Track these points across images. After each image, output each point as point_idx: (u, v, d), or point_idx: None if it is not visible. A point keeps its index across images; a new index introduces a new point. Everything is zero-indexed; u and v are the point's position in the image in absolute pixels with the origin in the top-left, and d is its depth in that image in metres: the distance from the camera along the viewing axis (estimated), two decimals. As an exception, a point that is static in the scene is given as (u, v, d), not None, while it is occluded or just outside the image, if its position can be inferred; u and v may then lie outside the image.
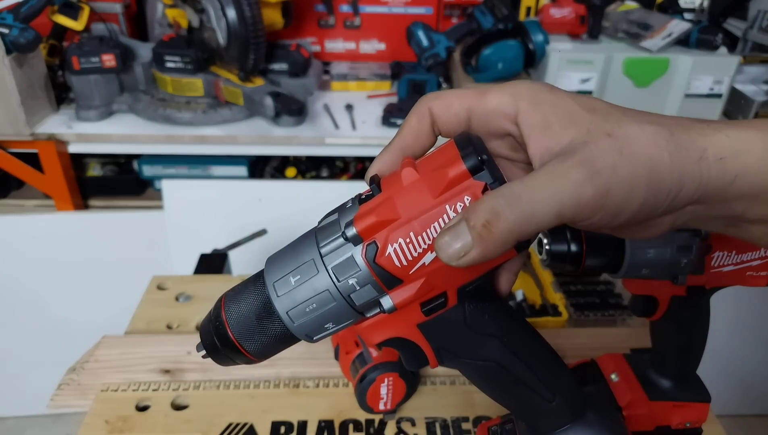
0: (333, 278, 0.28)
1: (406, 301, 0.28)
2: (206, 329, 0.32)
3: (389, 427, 0.49)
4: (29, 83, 1.10)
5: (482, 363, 0.31)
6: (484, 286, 0.30)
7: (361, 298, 0.28)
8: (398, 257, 0.27)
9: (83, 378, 0.54)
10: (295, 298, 0.29)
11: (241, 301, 0.31)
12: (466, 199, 0.26)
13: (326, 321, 0.29)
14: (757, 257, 0.45)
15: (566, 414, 0.33)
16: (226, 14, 1.06)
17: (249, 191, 1.21)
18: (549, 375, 0.32)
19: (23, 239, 1.21)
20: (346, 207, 0.29)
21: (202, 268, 0.72)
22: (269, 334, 0.30)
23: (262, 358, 0.32)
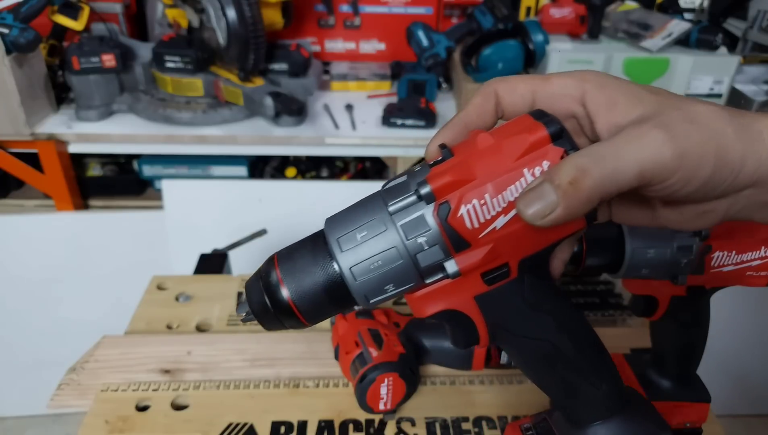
0: (402, 236, 0.27)
1: (471, 266, 0.28)
2: (255, 289, 0.30)
3: (389, 427, 0.49)
4: (29, 83, 1.10)
5: (535, 342, 0.31)
6: (542, 262, 0.30)
7: (427, 259, 0.28)
8: (470, 219, 0.27)
9: (83, 378, 0.54)
10: (360, 254, 0.28)
11: (299, 258, 0.30)
12: (544, 164, 0.26)
13: (388, 281, 0.28)
14: (757, 257, 0.45)
15: (611, 404, 0.32)
16: (226, 14, 1.06)
17: (249, 191, 1.22)
18: (597, 361, 0.32)
19: (23, 239, 1.21)
20: (415, 170, 0.29)
21: (202, 268, 0.72)
22: (328, 294, 0.29)
23: (312, 321, 0.30)
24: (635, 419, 0.33)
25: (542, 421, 0.38)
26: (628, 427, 0.33)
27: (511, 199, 0.27)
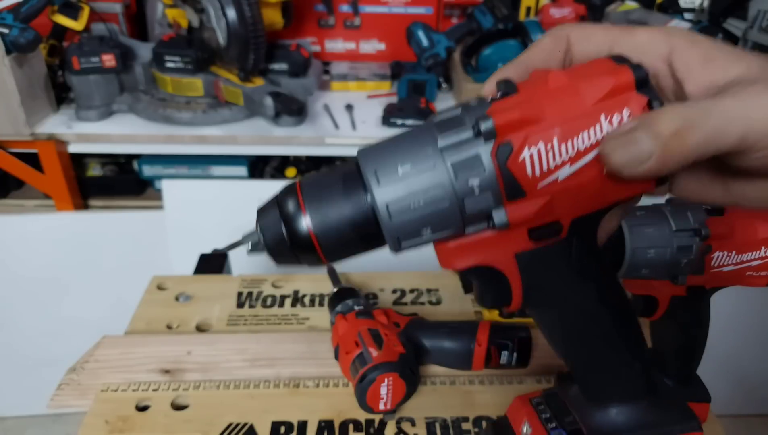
0: (451, 175, 0.24)
1: (521, 219, 0.25)
2: (271, 217, 0.27)
3: (389, 427, 0.49)
4: (29, 83, 1.10)
5: (573, 310, 0.29)
6: (594, 225, 0.28)
7: (474, 205, 0.25)
8: (532, 164, 0.24)
9: (83, 378, 0.54)
10: (400, 191, 0.25)
11: (326, 187, 0.26)
12: (625, 112, 0.24)
13: (426, 224, 0.25)
14: (757, 257, 0.45)
15: (638, 385, 0.30)
16: (226, 14, 1.06)
17: (249, 191, 1.21)
18: (633, 339, 0.30)
19: (23, 239, 1.21)
20: (471, 105, 0.25)
21: (202, 268, 0.72)
22: (356, 230, 0.26)
23: (332, 259, 0.27)
24: (662, 405, 0.31)
25: (553, 396, 0.35)
26: (653, 412, 0.31)
27: (581, 148, 0.24)
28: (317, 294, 0.65)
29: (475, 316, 0.61)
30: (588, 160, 0.24)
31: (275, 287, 0.66)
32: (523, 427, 0.34)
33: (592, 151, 0.24)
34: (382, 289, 0.66)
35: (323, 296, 0.65)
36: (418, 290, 0.65)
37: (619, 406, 0.31)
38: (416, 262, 1.29)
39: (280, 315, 0.62)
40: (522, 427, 0.35)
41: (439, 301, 0.64)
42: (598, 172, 0.25)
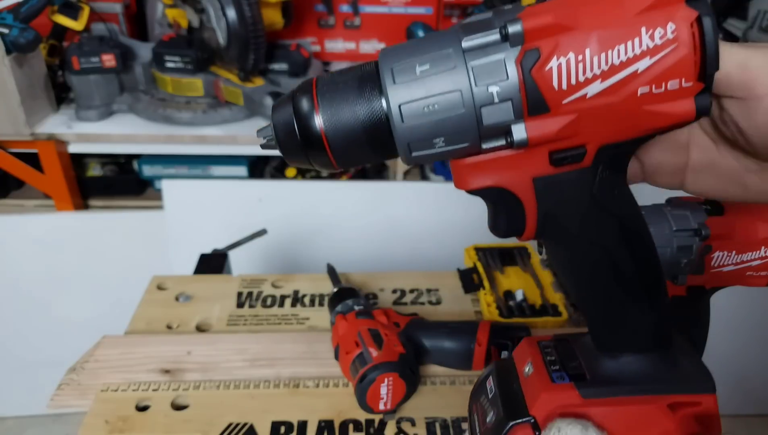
0: (471, 79, 0.22)
1: (542, 137, 0.23)
2: (284, 111, 0.25)
3: (389, 427, 0.49)
4: (29, 83, 1.10)
5: (591, 246, 0.27)
6: (624, 156, 0.26)
7: (493, 116, 0.23)
8: (560, 76, 0.22)
9: (83, 378, 0.54)
10: (415, 91, 0.23)
11: (342, 84, 0.25)
12: (669, 27, 0.22)
13: (439, 133, 0.23)
14: (757, 257, 0.45)
15: (654, 337, 0.29)
16: (226, 14, 1.06)
17: (249, 191, 1.22)
18: (653, 285, 0.28)
19: (23, 239, 1.21)
20: (505, 8, 0.24)
21: (202, 268, 0.72)
22: (367, 132, 0.24)
23: (342, 162, 0.26)
24: (674, 361, 0.30)
25: (563, 342, 0.34)
26: (666, 366, 0.30)
27: (616, 63, 0.22)
28: (317, 294, 0.65)
29: (475, 317, 0.61)
30: (622, 77, 0.22)
31: (275, 287, 0.66)
32: (525, 367, 0.33)
33: (628, 68, 0.22)
34: (382, 289, 0.66)
35: (323, 296, 0.65)
36: (418, 290, 0.65)
37: (627, 356, 0.30)
38: (416, 262, 1.30)
39: (280, 315, 0.62)
40: (525, 367, 0.33)
41: (439, 301, 0.64)
42: (633, 92, 0.23)
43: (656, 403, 0.29)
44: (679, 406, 0.29)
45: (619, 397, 0.30)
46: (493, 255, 0.64)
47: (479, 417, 0.34)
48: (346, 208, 1.20)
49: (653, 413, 0.29)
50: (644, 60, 0.22)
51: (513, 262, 0.63)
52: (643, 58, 0.22)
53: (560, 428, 0.28)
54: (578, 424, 0.28)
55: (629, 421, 0.29)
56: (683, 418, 0.29)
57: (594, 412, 0.29)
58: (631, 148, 0.25)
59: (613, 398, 0.30)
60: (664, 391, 0.30)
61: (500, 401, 0.32)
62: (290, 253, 1.18)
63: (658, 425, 0.29)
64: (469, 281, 0.60)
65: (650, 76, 0.22)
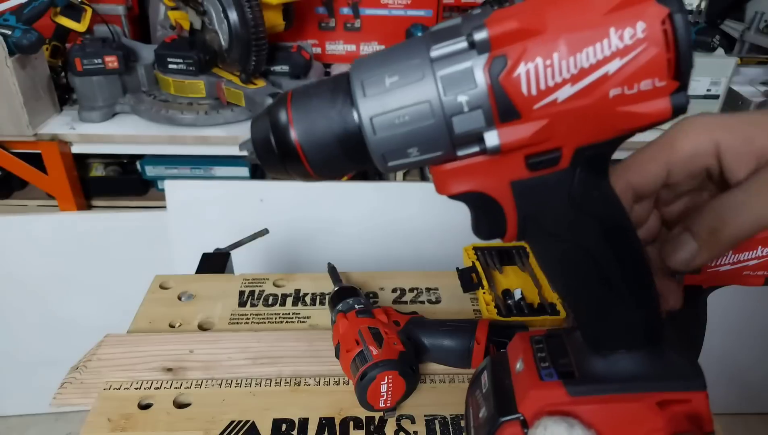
0: (440, 89, 0.22)
1: (515, 143, 0.23)
2: (261, 125, 0.26)
3: (389, 424, 0.50)
4: (32, 84, 1.11)
5: (571, 247, 0.27)
6: (602, 157, 0.25)
7: (464, 124, 0.23)
8: (528, 81, 0.22)
9: (86, 376, 0.54)
10: (385, 103, 0.23)
11: (315, 96, 0.25)
12: (639, 27, 0.21)
13: (412, 143, 0.23)
14: (754, 257, 0.46)
15: (643, 334, 0.29)
16: (228, 16, 1.07)
17: (251, 191, 1.22)
18: (639, 284, 0.28)
19: (26, 239, 1.22)
20: (473, 13, 0.23)
21: (205, 268, 0.72)
22: (342, 144, 0.24)
23: (321, 173, 0.26)
24: (667, 357, 0.30)
25: (555, 338, 0.34)
26: (655, 363, 0.30)
27: (585, 66, 0.22)
28: (318, 293, 0.65)
29: (473, 315, 0.62)
30: (593, 81, 0.22)
31: (277, 286, 0.66)
32: (517, 363, 0.34)
33: (598, 70, 0.22)
34: (382, 288, 0.66)
35: (324, 295, 0.65)
36: (418, 289, 0.66)
37: (616, 354, 0.30)
38: (416, 261, 1.30)
39: (281, 314, 0.63)
40: (516, 363, 0.34)
41: (439, 300, 0.64)
42: (605, 94, 0.22)
43: (644, 401, 0.29)
44: (668, 403, 0.29)
45: (606, 395, 0.30)
46: (491, 254, 0.64)
47: (474, 411, 0.35)
48: (347, 208, 1.21)
49: (641, 411, 0.29)
50: (614, 61, 0.22)
51: (511, 261, 0.64)
52: (613, 60, 0.22)
53: (546, 426, 0.29)
54: (564, 422, 0.29)
55: (617, 420, 0.29)
56: (672, 416, 0.29)
57: (581, 411, 0.30)
58: (610, 148, 0.25)
59: (601, 396, 0.30)
60: (652, 389, 0.30)
61: (492, 397, 0.33)
62: (291, 252, 1.19)
63: (646, 423, 0.29)
64: (467, 280, 0.61)
65: (622, 78, 0.22)
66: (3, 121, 1.08)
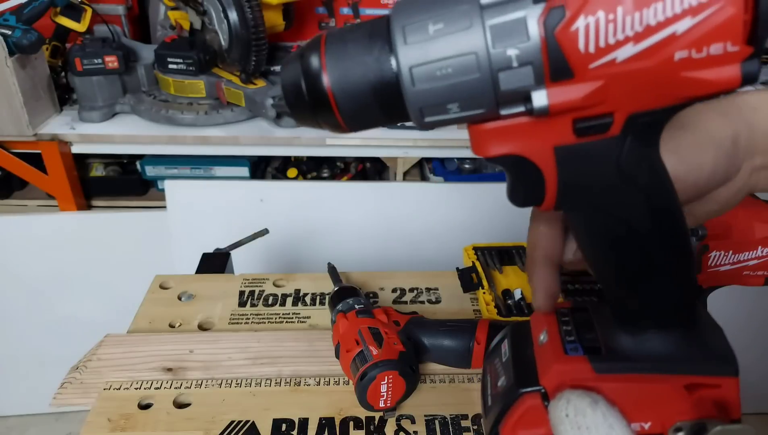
0: (488, 41, 0.20)
1: (565, 105, 0.21)
2: (292, 69, 0.24)
3: (389, 424, 0.50)
4: (32, 84, 1.11)
5: (611, 219, 0.25)
6: (656, 125, 0.24)
7: (511, 81, 0.21)
8: (587, 37, 0.20)
9: (86, 376, 0.54)
10: (427, 53, 0.21)
11: (351, 41, 0.23)
12: None
13: (453, 98, 0.22)
14: (754, 257, 0.46)
15: (677, 314, 0.28)
16: (228, 16, 1.07)
17: (251, 191, 1.22)
18: (678, 262, 0.27)
19: (26, 239, 1.22)
20: None
21: (205, 268, 0.73)
22: (377, 95, 0.23)
23: (352, 125, 0.24)
24: (698, 339, 0.28)
25: (582, 311, 0.33)
26: (686, 345, 0.28)
27: (652, 23, 0.20)
28: (318, 293, 0.65)
29: (473, 315, 0.62)
30: (658, 40, 0.20)
31: (277, 286, 0.67)
32: (540, 335, 0.32)
33: (665, 29, 0.20)
34: (382, 288, 0.66)
35: (324, 295, 0.65)
36: (418, 289, 0.66)
37: (646, 332, 0.28)
38: (416, 261, 1.30)
39: (281, 314, 0.63)
40: (540, 334, 0.32)
41: (439, 300, 0.64)
42: (669, 56, 0.20)
43: (672, 383, 0.28)
44: (696, 387, 0.28)
45: (633, 374, 0.28)
46: (491, 254, 0.64)
47: (492, 378, 0.34)
48: (347, 208, 1.21)
49: (668, 393, 0.28)
50: (685, 20, 0.20)
51: (511, 261, 0.64)
52: (684, 18, 0.20)
53: (569, 400, 0.27)
54: (588, 398, 0.27)
55: (642, 399, 0.28)
56: (699, 400, 0.28)
57: (606, 388, 0.28)
58: (665, 116, 0.23)
59: (628, 375, 0.28)
60: (681, 371, 0.28)
61: (513, 367, 0.32)
62: (291, 252, 1.19)
63: (672, 405, 0.28)
64: (467, 280, 0.61)
65: (691, 39, 0.20)
66: (3, 121, 1.08)
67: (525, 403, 0.30)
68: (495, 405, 0.32)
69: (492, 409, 0.33)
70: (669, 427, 0.28)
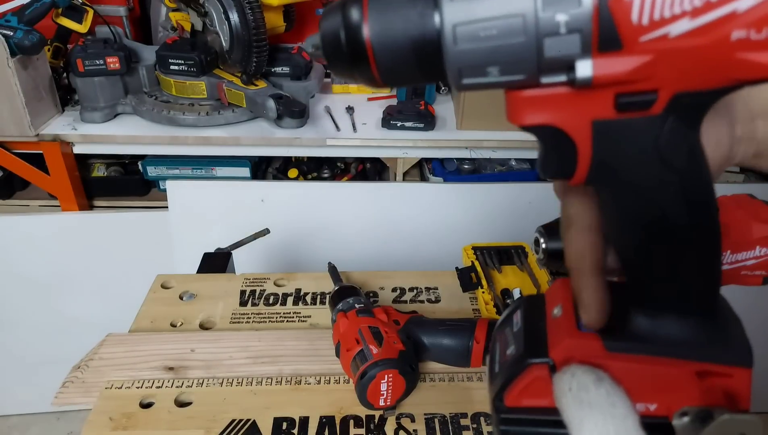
0: (537, 3, 0.20)
1: (609, 78, 0.20)
2: (333, 18, 0.23)
3: (389, 422, 0.50)
4: (34, 85, 1.11)
5: (643, 199, 0.25)
6: (702, 106, 0.23)
7: (556, 48, 0.20)
8: (641, 8, 0.19)
9: (87, 375, 0.55)
10: (473, 11, 0.20)
11: None
12: None
13: (494, 61, 0.21)
14: (752, 257, 0.46)
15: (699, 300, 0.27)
16: (229, 18, 1.07)
17: (252, 192, 1.22)
18: (707, 249, 0.26)
19: (28, 239, 1.22)
20: None
21: (206, 267, 0.73)
22: (416, 51, 0.22)
23: (387, 80, 0.24)
24: (714, 327, 0.28)
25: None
26: (702, 331, 0.28)
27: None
28: (319, 292, 0.66)
29: (473, 315, 0.62)
30: (716, 18, 0.19)
31: (278, 286, 0.67)
32: (555, 309, 0.32)
33: (726, 5, 0.19)
34: (382, 288, 0.66)
35: (324, 294, 0.65)
36: (418, 289, 0.66)
37: (663, 315, 0.28)
38: (416, 261, 1.30)
39: (282, 313, 0.63)
40: (554, 308, 0.32)
41: (438, 299, 0.65)
42: (726, 35, 0.19)
43: (684, 368, 0.28)
44: (707, 374, 0.28)
45: (645, 356, 0.28)
46: (490, 254, 0.64)
47: (501, 346, 0.34)
48: (347, 208, 1.21)
49: (678, 378, 0.28)
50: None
51: (510, 261, 0.64)
52: None
53: (574, 374, 0.27)
54: (593, 374, 0.27)
55: (650, 382, 0.28)
56: (709, 388, 0.28)
57: (615, 367, 0.28)
58: (712, 98, 0.22)
59: (639, 356, 0.28)
60: (694, 357, 0.28)
61: (523, 337, 0.32)
62: (292, 252, 1.19)
63: (680, 390, 0.28)
64: (467, 280, 0.61)
65: (752, 18, 0.19)
66: (5, 121, 1.09)
67: (532, 373, 0.30)
68: (502, 372, 0.32)
69: (498, 376, 0.32)
70: (675, 411, 0.27)
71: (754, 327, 1.20)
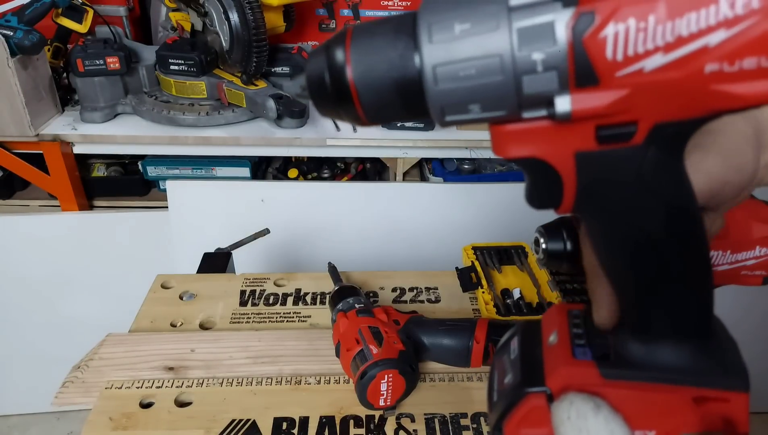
0: (513, 43, 0.20)
1: (589, 111, 0.21)
2: (317, 60, 0.24)
3: (389, 422, 0.50)
4: (34, 85, 1.12)
5: (629, 227, 0.25)
6: (682, 136, 0.23)
7: (534, 85, 0.21)
8: (615, 45, 0.20)
9: (87, 376, 0.55)
10: (452, 53, 0.21)
11: (377, 35, 0.23)
12: None
13: (475, 99, 0.22)
14: (752, 257, 0.46)
15: (692, 325, 0.27)
16: (229, 18, 1.08)
17: (252, 192, 1.23)
18: (697, 274, 0.26)
19: (28, 239, 1.22)
20: None
21: (206, 267, 0.73)
22: (399, 91, 0.23)
23: (372, 118, 0.24)
24: (711, 352, 0.28)
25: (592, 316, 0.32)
26: (698, 357, 0.28)
27: (684, 34, 0.19)
28: (319, 292, 0.66)
29: (473, 315, 0.62)
30: (689, 52, 0.20)
31: (278, 286, 0.67)
32: (550, 336, 0.32)
33: (697, 41, 0.19)
34: (382, 288, 0.66)
35: (324, 294, 0.65)
36: (418, 289, 0.66)
37: (658, 341, 0.28)
38: (416, 261, 1.30)
39: (282, 313, 0.63)
40: (550, 335, 0.32)
41: (438, 300, 0.65)
42: (699, 68, 0.20)
43: (680, 394, 0.28)
44: (705, 400, 0.28)
45: (641, 383, 0.28)
46: (490, 254, 0.64)
47: (499, 374, 0.34)
48: (347, 208, 1.21)
49: (675, 404, 0.28)
50: (718, 32, 0.19)
51: (510, 261, 0.64)
52: (717, 30, 0.19)
53: (572, 402, 0.27)
54: (591, 402, 0.27)
55: (648, 409, 0.28)
56: (707, 414, 0.28)
57: (612, 394, 0.28)
58: (691, 128, 0.23)
59: (635, 383, 0.28)
60: (691, 383, 0.28)
61: (520, 365, 0.32)
62: (292, 252, 1.19)
63: (678, 417, 0.28)
64: (467, 280, 0.61)
65: (723, 52, 0.19)
66: (5, 121, 1.09)
67: (530, 402, 0.30)
68: (500, 401, 0.32)
69: (497, 405, 0.33)
70: None
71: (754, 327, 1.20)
